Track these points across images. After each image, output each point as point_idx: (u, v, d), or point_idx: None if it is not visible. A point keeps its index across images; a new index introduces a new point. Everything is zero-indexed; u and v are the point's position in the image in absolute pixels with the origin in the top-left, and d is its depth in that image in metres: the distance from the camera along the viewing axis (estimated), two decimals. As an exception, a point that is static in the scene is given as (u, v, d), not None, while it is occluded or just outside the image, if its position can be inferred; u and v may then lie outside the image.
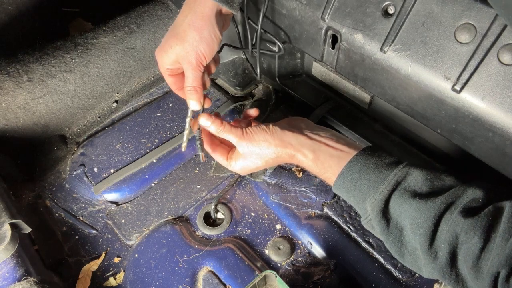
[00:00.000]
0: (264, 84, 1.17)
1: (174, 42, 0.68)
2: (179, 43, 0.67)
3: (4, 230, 0.74)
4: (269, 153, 0.68)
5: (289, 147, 0.67)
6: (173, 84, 0.75)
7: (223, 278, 0.80)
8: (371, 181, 0.59)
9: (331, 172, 0.64)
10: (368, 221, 0.60)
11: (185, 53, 0.67)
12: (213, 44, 0.69)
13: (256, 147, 0.68)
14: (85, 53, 1.05)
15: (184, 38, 0.67)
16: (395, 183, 0.57)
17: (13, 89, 0.95)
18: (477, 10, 0.58)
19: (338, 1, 0.74)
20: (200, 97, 0.72)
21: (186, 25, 0.67)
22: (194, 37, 0.66)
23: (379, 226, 0.57)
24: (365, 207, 0.60)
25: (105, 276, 0.83)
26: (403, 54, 0.66)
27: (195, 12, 0.67)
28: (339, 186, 0.63)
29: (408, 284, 0.79)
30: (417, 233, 0.53)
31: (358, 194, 0.60)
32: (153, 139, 1.03)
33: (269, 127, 0.69)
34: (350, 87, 0.94)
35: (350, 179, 0.61)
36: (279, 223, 0.89)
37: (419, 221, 0.53)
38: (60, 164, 1.00)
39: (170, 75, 0.73)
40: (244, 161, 0.70)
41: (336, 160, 0.64)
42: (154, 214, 0.91)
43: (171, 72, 0.73)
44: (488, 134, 0.63)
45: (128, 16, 1.14)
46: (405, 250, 0.55)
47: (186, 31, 0.67)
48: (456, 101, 0.63)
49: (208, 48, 0.68)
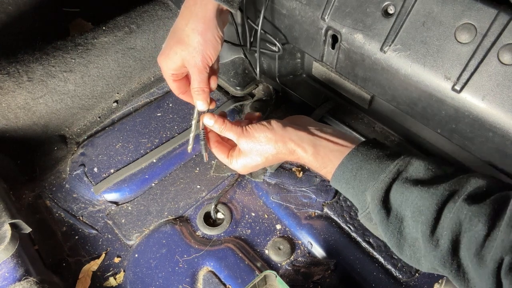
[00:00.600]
0: (264, 84, 1.17)
1: (179, 48, 0.68)
2: (184, 48, 0.68)
3: (4, 230, 0.74)
4: (269, 149, 0.68)
5: (289, 142, 0.67)
6: (177, 88, 0.75)
7: (223, 278, 0.80)
8: (372, 171, 0.58)
9: (331, 166, 0.64)
10: (366, 214, 0.59)
11: (191, 57, 0.68)
12: (218, 45, 0.70)
13: (256, 144, 0.68)
14: (85, 53, 1.05)
15: (189, 43, 0.67)
16: (396, 172, 0.56)
17: (13, 89, 0.95)
18: (477, 10, 0.58)
19: (338, 1, 0.74)
20: (207, 97, 0.73)
21: (190, 30, 0.67)
22: (199, 41, 0.67)
23: (378, 216, 0.56)
24: (365, 198, 0.59)
25: (105, 276, 0.83)
26: (403, 54, 0.66)
27: (197, 16, 0.67)
28: (339, 177, 0.62)
29: (408, 284, 0.79)
30: (418, 220, 0.51)
31: (358, 185, 0.59)
32: (153, 139, 1.03)
33: (270, 122, 0.69)
34: (350, 87, 0.94)
35: (350, 169, 0.60)
36: (279, 223, 0.89)
37: (421, 208, 0.51)
38: (60, 164, 1.00)
39: (175, 80, 0.74)
40: (245, 159, 0.70)
41: (337, 154, 0.63)
42: (154, 214, 0.91)
43: (176, 77, 0.73)
44: (488, 134, 0.63)
45: (128, 16, 1.14)
46: (404, 242, 0.54)
47: (190, 36, 0.67)
48: (456, 101, 0.63)
49: (213, 50, 0.69)
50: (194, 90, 0.71)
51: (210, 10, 0.67)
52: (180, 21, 0.69)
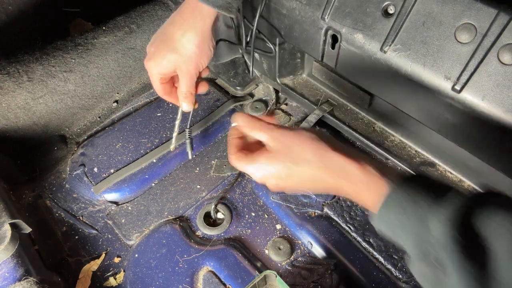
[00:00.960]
0: (264, 84, 1.17)
1: (173, 56, 0.70)
2: (178, 57, 0.71)
3: (4, 230, 0.74)
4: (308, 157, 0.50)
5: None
6: (163, 90, 0.78)
7: (223, 278, 0.80)
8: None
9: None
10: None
11: (185, 65, 0.71)
12: (211, 54, 0.74)
13: (292, 143, 0.52)
14: (85, 53, 1.05)
15: (184, 53, 0.70)
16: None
17: (13, 89, 0.95)
18: (477, 10, 0.58)
19: (338, 1, 0.74)
20: (193, 99, 0.78)
21: (186, 41, 0.69)
22: (195, 52, 0.70)
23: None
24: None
25: (105, 276, 0.83)
26: (403, 54, 0.66)
27: (195, 29, 0.69)
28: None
29: (408, 284, 0.79)
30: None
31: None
32: (153, 139, 1.03)
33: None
34: (350, 87, 0.94)
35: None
36: (279, 223, 0.89)
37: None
38: (60, 164, 1.00)
39: (162, 83, 0.76)
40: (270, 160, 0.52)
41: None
42: (154, 214, 0.91)
43: (163, 80, 0.76)
44: (488, 134, 0.63)
45: (128, 16, 1.14)
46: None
47: (185, 46, 0.70)
48: (456, 101, 0.63)
49: (206, 59, 0.74)
50: (182, 93, 0.76)
51: (208, 24, 0.70)
52: (174, 30, 0.70)
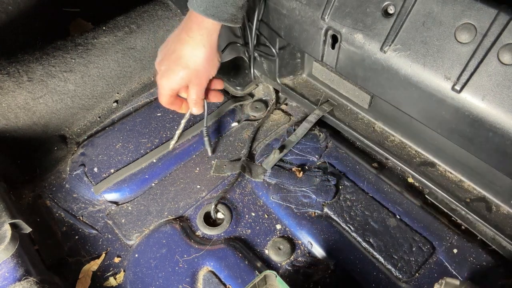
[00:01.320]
0: (264, 84, 1.17)
1: (185, 73, 0.78)
2: (189, 73, 0.78)
3: (4, 230, 0.74)
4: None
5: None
6: (171, 103, 0.85)
7: (223, 278, 0.80)
8: None
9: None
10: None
11: (197, 78, 0.80)
12: (218, 63, 0.81)
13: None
14: (85, 53, 1.05)
15: (195, 68, 0.78)
16: None
17: (13, 89, 0.95)
18: (477, 10, 0.58)
19: (338, 1, 0.74)
20: (202, 104, 0.87)
21: (196, 57, 0.77)
22: (205, 66, 0.78)
23: None
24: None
25: (105, 276, 0.83)
26: (403, 54, 0.67)
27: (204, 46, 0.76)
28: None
29: (408, 284, 0.79)
30: None
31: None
32: (153, 139, 1.03)
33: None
34: (350, 87, 0.94)
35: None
36: (279, 223, 0.89)
37: None
38: (60, 164, 1.00)
39: (171, 96, 0.83)
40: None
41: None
42: (154, 214, 0.91)
43: (173, 94, 0.83)
44: (488, 134, 0.63)
45: (128, 16, 1.14)
46: None
47: (197, 62, 0.77)
48: (456, 101, 0.63)
49: (215, 70, 0.82)
50: (193, 100, 0.83)
51: (214, 38, 0.76)
52: (183, 47, 0.76)
